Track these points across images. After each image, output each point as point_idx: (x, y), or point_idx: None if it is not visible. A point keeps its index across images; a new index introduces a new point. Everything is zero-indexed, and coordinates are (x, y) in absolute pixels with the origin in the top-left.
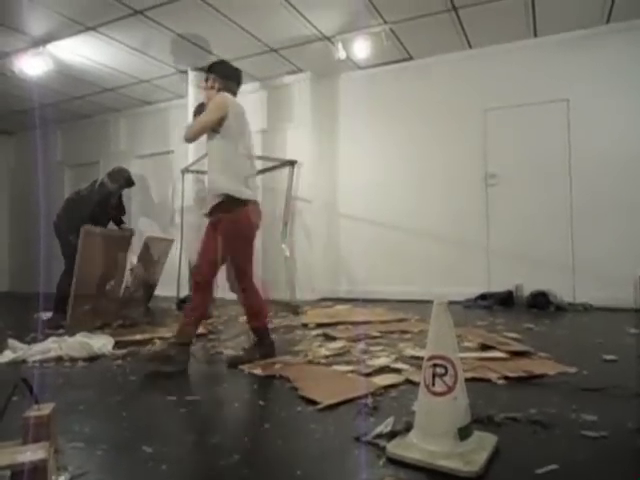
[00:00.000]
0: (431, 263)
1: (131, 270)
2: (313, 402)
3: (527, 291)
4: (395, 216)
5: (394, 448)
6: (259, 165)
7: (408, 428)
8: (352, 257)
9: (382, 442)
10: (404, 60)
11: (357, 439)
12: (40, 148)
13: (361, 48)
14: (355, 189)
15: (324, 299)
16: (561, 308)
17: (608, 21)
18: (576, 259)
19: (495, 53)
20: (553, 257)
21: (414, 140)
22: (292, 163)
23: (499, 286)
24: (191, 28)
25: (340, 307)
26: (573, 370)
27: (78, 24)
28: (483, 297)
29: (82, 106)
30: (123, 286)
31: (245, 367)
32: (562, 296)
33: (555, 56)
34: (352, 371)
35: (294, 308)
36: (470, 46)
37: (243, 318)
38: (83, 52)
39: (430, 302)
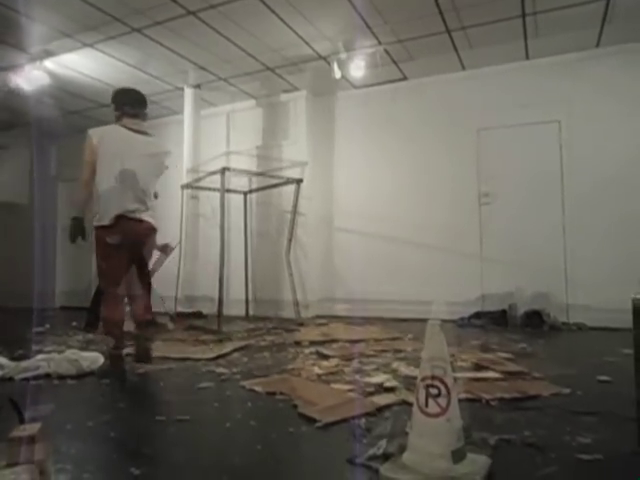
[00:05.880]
0: (425, 278)
1: None
2: (310, 420)
3: (521, 310)
4: (390, 232)
5: (387, 471)
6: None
7: (401, 450)
8: (347, 272)
9: (375, 464)
10: (399, 80)
11: (350, 461)
12: (35, 163)
13: (357, 68)
14: (350, 204)
15: (320, 316)
16: (555, 327)
17: (598, 44)
18: (569, 277)
19: (489, 74)
20: (547, 275)
21: (408, 158)
22: (298, 181)
23: (495, 302)
24: (188, 46)
25: (335, 325)
26: (567, 391)
27: (76, 41)
28: (477, 316)
29: (78, 121)
30: None
31: (245, 384)
32: (556, 315)
33: (548, 78)
34: (349, 390)
35: (298, 323)
36: (464, 67)
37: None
38: (80, 68)
39: (424, 320)
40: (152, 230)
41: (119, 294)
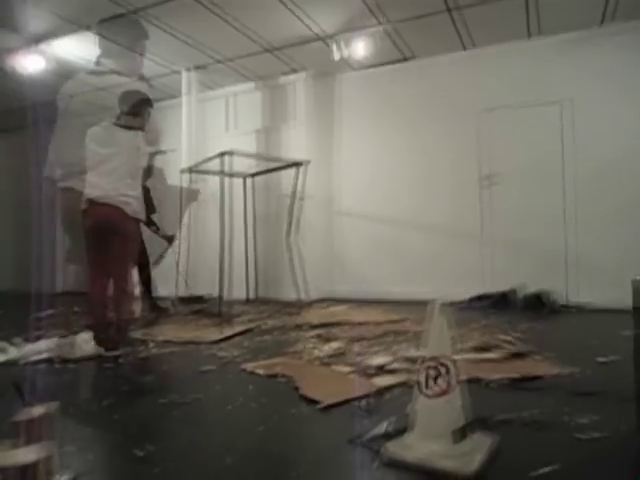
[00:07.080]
0: (426, 261)
1: None
2: (312, 402)
3: (521, 293)
4: (391, 215)
5: (388, 452)
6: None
7: (402, 430)
8: (348, 255)
9: (376, 445)
10: (399, 61)
11: (351, 441)
12: (32, 147)
13: (357, 49)
14: (351, 187)
15: (321, 300)
16: (555, 310)
17: (602, 23)
18: (570, 260)
19: (490, 55)
20: (548, 258)
21: (409, 140)
22: (297, 165)
23: (496, 286)
24: (186, 28)
25: (336, 308)
26: (566, 372)
27: (72, 23)
28: (477, 299)
29: (75, 105)
30: None
31: (247, 367)
32: (556, 298)
33: (550, 58)
34: (350, 372)
35: (299, 306)
36: (465, 48)
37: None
38: (76, 51)
39: (425, 303)
40: (122, 214)
41: (98, 273)
